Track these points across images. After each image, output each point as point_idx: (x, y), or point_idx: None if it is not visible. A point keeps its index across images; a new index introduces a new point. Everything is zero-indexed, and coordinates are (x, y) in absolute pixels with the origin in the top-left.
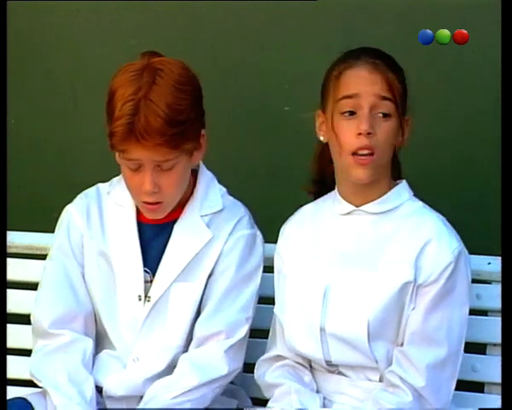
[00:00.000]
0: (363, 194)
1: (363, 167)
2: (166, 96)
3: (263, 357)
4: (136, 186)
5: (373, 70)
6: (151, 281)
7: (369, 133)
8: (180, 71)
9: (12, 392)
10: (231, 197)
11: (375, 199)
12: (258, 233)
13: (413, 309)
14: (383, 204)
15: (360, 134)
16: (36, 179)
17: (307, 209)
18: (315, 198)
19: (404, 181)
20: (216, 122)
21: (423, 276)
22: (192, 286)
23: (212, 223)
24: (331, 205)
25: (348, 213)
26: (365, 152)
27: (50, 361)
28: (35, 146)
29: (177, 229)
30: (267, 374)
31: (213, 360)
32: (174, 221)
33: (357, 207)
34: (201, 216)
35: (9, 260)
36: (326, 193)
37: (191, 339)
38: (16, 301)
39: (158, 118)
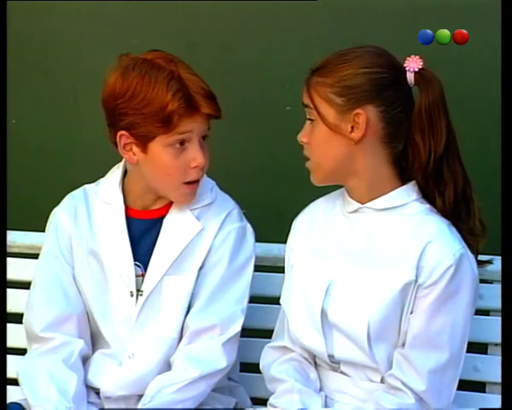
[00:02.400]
0: (367, 192)
1: None
2: (192, 70)
3: (270, 344)
4: (182, 166)
5: None
6: (143, 275)
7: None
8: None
9: (12, 391)
10: (220, 191)
11: (380, 197)
12: (248, 226)
13: (413, 311)
14: (388, 201)
15: None
16: (37, 179)
17: (320, 204)
18: None
19: (413, 182)
20: (217, 122)
21: (423, 276)
22: (183, 279)
23: (201, 216)
24: (342, 203)
25: (355, 211)
26: None
27: (35, 362)
28: (36, 146)
29: (167, 223)
30: (273, 367)
31: (211, 354)
32: (163, 217)
33: (362, 204)
34: (191, 210)
35: (11, 260)
36: None
37: None
38: (18, 301)
39: (205, 86)
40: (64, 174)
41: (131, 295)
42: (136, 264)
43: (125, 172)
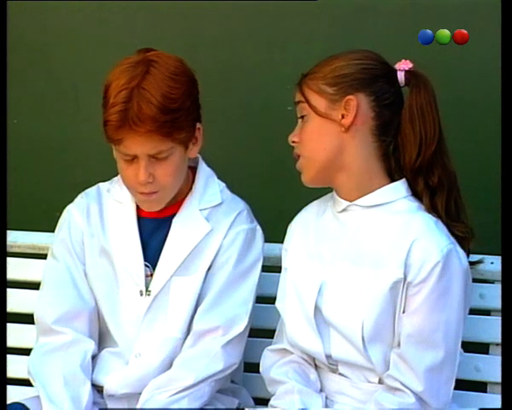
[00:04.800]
0: (355, 188)
1: None
2: (160, 84)
3: (270, 347)
4: (130, 177)
5: None
6: (151, 275)
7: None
8: (175, 63)
9: (12, 391)
10: (230, 192)
11: (368, 194)
12: (258, 228)
13: (405, 310)
14: (376, 197)
15: None
16: (38, 179)
17: (313, 207)
18: None
19: (402, 180)
20: (218, 122)
21: (411, 274)
22: (191, 279)
23: (210, 217)
24: (332, 204)
25: (344, 210)
26: None
27: (49, 361)
28: (37, 146)
29: (176, 223)
30: (272, 369)
31: (209, 357)
32: (173, 216)
33: (351, 202)
34: (200, 210)
35: (12, 260)
36: None
37: None
38: (18, 301)
39: (150, 105)
40: (65, 174)
41: (141, 295)
42: (145, 264)
43: None
